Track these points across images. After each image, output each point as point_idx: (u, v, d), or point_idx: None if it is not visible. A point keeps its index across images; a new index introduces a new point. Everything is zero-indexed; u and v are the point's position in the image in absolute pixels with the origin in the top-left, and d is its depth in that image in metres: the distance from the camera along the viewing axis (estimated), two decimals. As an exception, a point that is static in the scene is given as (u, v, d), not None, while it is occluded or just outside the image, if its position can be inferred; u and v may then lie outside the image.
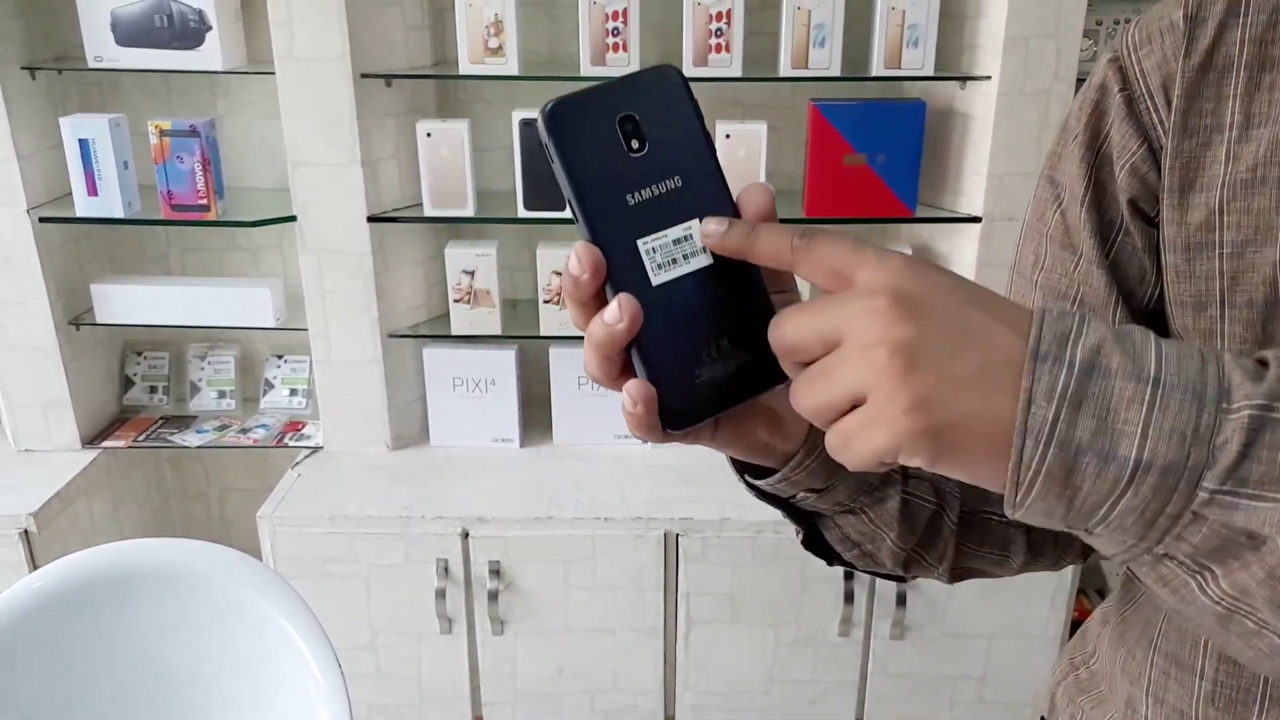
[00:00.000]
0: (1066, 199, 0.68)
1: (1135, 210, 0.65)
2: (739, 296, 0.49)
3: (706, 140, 0.49)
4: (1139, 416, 0.40)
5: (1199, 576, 0.42)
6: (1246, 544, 0.40)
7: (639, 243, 0.48)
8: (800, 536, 0.67)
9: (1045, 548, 0.69)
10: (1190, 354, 0.42)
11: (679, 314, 0.48)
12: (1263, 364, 0.42)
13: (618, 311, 0.47)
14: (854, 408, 0.44)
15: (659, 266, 0.48)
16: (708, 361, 0.49)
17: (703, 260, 0.49)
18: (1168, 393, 0.40)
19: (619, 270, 0.47)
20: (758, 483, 0.60)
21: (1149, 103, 0.64)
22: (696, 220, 0.48)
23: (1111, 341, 0.42)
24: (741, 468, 0.61)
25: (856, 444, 0.43)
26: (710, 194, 0.49)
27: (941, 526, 0.65)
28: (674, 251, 0.48)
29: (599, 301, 0.48)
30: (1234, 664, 0.60)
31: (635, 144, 0.48)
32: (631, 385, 0.48)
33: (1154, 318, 0.67)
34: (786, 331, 0.46)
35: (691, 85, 0.50)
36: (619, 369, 0.49)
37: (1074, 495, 0.42)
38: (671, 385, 0.48)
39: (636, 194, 0.48)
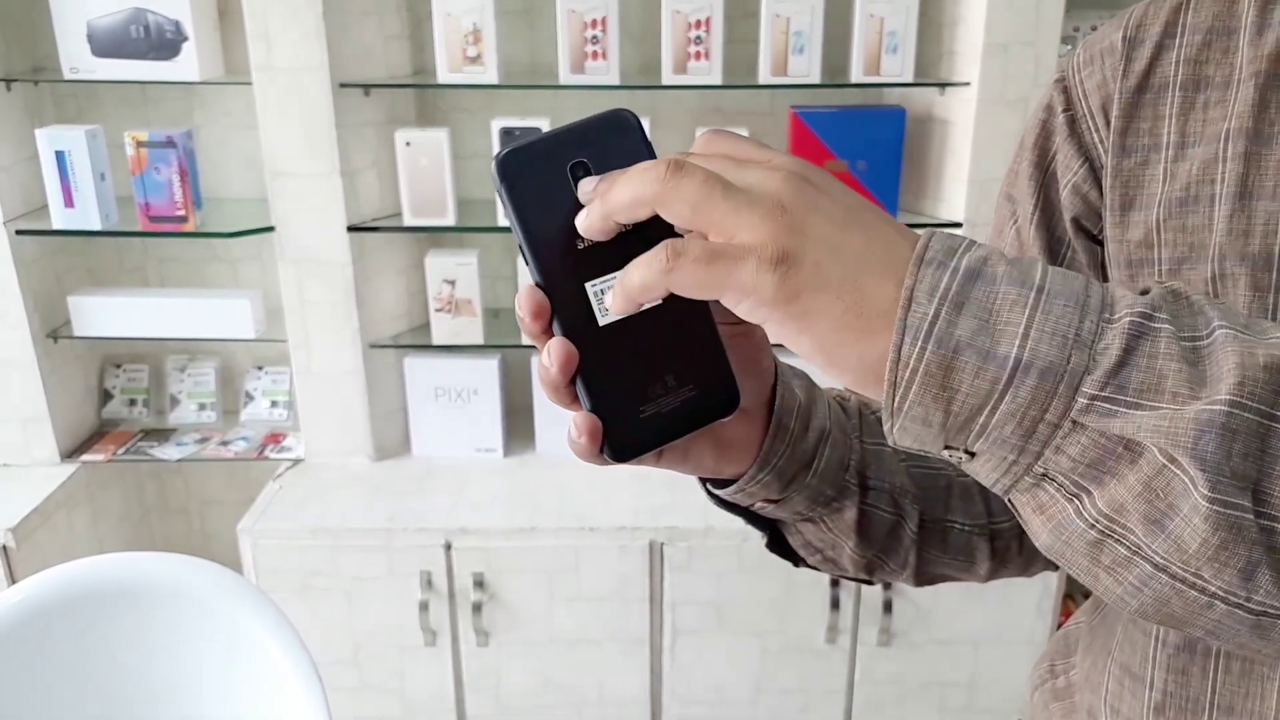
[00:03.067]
0: (1020, 216, 0.71)
1: (1079, 228, 0.67)
2: (686, 333, 0.50)
3: None
4: (1021, 318, 0.40)
5: (1076, 500, 0.41)
6: (1124, 455, 0.39)
7: (587, 285, 0.48)
8: (765, 540, 0.68)
9: (1010, 554, 0.69)
10: (1076, 275, 0.42)
11: (625, 352, 0.49)
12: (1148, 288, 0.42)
13: (548, 356, 0.48)
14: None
15: (606, 309, 0.48)
16: (653, 396, 0.50)
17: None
18: (1051, 298, 0.40)
19: (565, 312, 0.48)
20: (718, 492, 0.61)
21: (1090, 123, 0.66)
22: None
23: (999, 254, 0.42)
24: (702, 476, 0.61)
25: (714, 267, 0.42)
26: (661, 237, 0.48)
27: (902, 536, 0.65)
28: None
29: (549, 338, 0.49)
30: (1183, 674, 0.61)
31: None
32: (577, 417, 0.50)
33: None
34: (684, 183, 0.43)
35: (645, 127, 0.50)
36: (569, 399, 0.50)
37: (952, 397, 0.40)
38: (616, 418, 0.49)
39: (586, 240, 0.48)
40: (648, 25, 1.94)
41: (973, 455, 0.42)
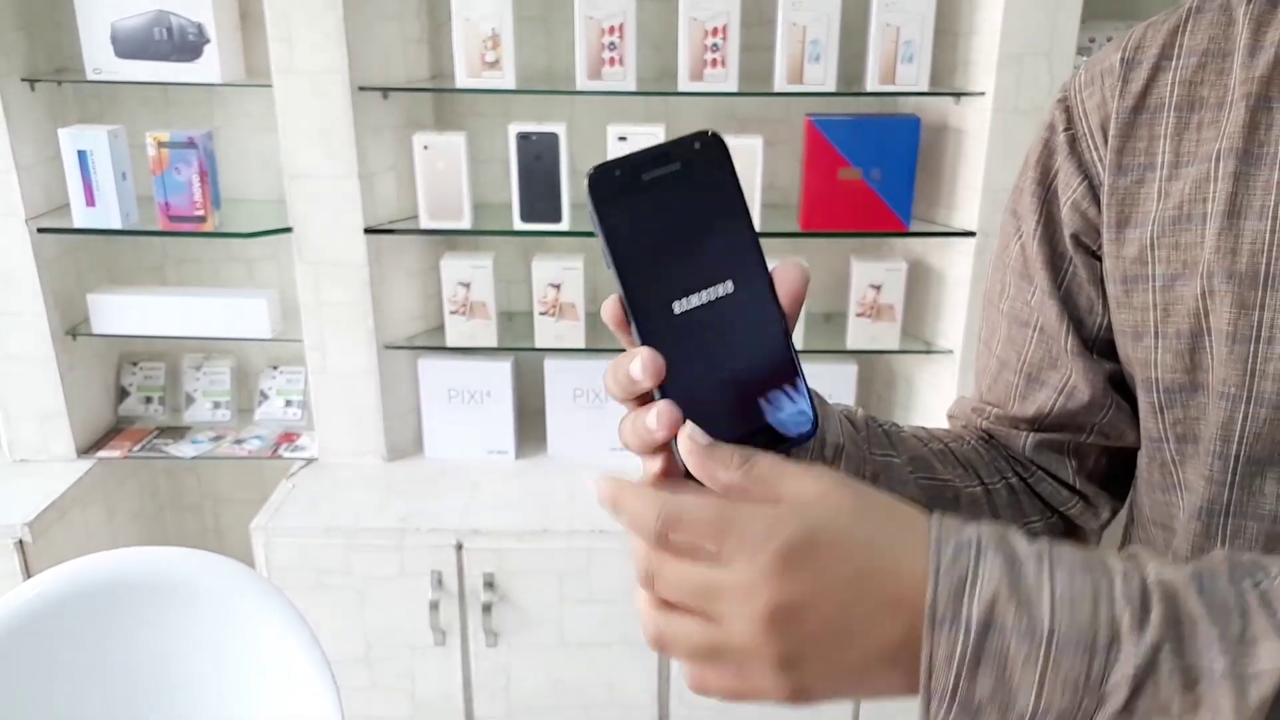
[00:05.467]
0: (1024, 232, 0.72)
1: (1078, 244, 0.69)
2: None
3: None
4: (1034, 674, 0.43)
5: None
6: None
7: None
8: None
9: None
10: (1084, 592, 0.44)
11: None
12: (1146, 591, 0.45)
13: (639, 368, 0.49)
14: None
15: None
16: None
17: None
18: (1061, 648, 0.43)
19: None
20: None
21: (1090, 141, 0.67)
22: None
23: (1005, 591, 0.44)
24: None
25: (736, 699, 0.47)
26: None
27: None
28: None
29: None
30: None
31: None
32: (664, 411, 0.50)
33: (1105, 345, 0.71)
34: (664, 587, 0.47)
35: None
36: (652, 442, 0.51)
37: None
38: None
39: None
40: (665, 32, 1.95)
41: None
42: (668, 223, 0.49)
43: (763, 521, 0.45)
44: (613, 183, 0.49)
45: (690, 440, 0.48)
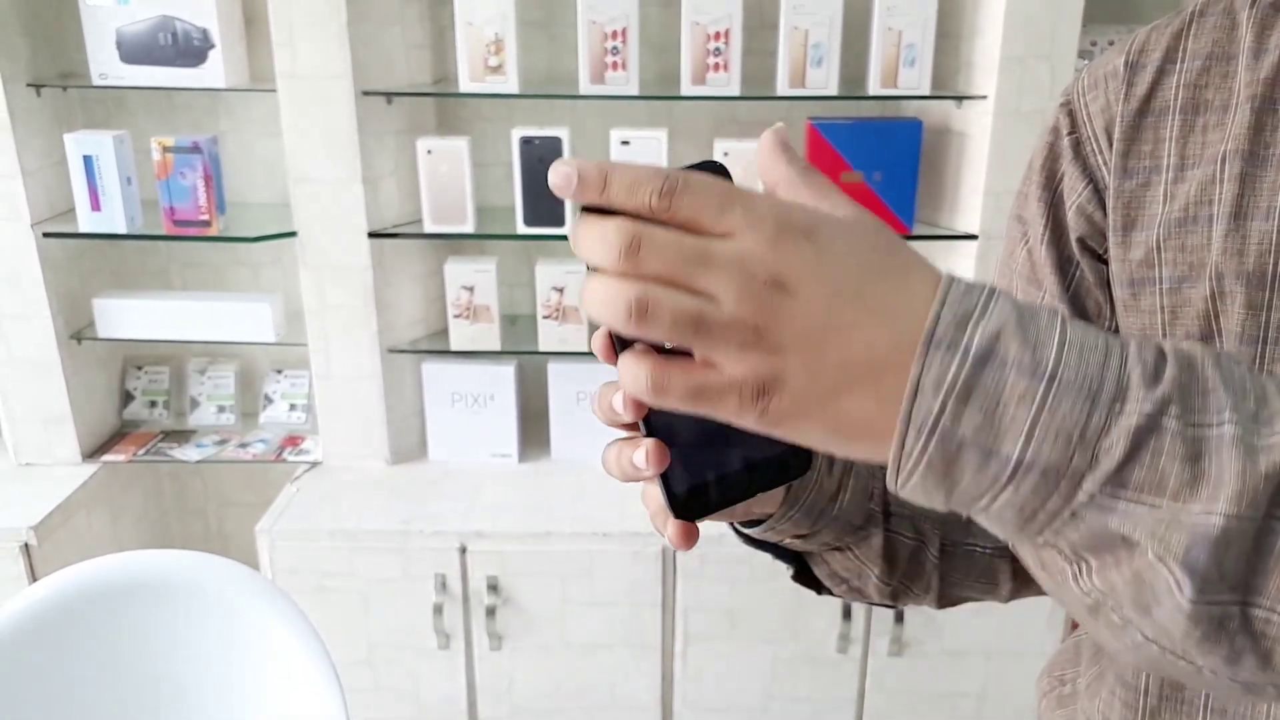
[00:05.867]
0: (1031, 237, 0.72)
1: (1084, 248, 0.69)
2: None
3: None
4: (1027, 414, 0.39)
5: (1074, 565, 0.42)
6: (1120, 545, 0.40)
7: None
8: (791, 573, 0.70)
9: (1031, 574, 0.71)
10: (1095, 344, 0.40)
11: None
12: (1161, 356, 0.41)
13: (644, 458, 0.48)
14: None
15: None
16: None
17: None
18: (1061, 391, 0.39)
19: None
20: (747, 531, 0.63)
21: (1094, 145, 0.67)
22: None
23: (1013, 326, 0.40)
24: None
25: (699, 403, 0.42)
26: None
27: (924, 560, 0.67)
28: None
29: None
30: (1176, 682, 0.62)
31: None
32: (649, 453, 0.48)
33: None
34: (652, 252, 0.41)
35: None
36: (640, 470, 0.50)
37: (953, 485, 0.41)
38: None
39: None
40: (667, 36, 1.96)
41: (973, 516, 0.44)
42: None
43: (775, 203, 0.42)
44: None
45: (775, 133, 0.45)
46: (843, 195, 0.44)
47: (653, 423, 0.48)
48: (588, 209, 0.43)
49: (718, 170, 0.49)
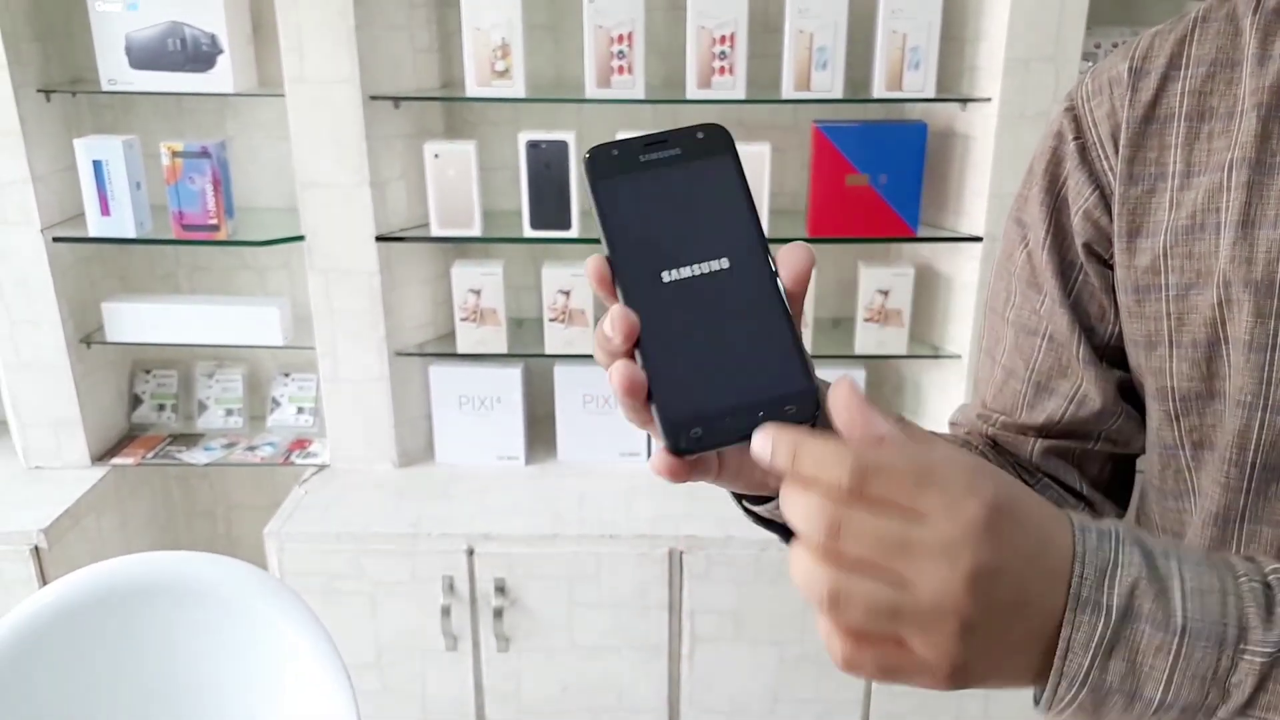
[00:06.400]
0: (1031, 241, 0.72)
1: (1090, 252, 0.69)
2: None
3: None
4: (1165, 664, 0.44)
5: None
6: None
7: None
8: None
9: None
10: (1211, 586, 0.45)
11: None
12: (1269, 588, 0.46)
13: (610, 326, 0.48)
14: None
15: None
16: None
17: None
18: (1192, 641, 0.44)
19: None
20: (755, 509, 0.62)
21: (1100, 150, 0.67)
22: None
23: (1145, 580, 0.45)
24: (739, 493, 0.63)
25: (888, 680, 0.46)
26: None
27: None
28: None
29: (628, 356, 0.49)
30: None
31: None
32: (622, 375, 0.48)
33: (1115, 353, 0.71)
34: (852, 541, 0.43)
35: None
36: (643, 406, 0.49)
37: (1100, 718, 0.46)
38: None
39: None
40: (673, 40, 1.97)
41: None
42: (662, 198, 0.50)
43: (963, 478, 0.43)
44: (610, 160, 0.50)
45: (851, 388, 0.45)
46: (939, 438, 0.48)
47: (648, 356, 0.48)
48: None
49: (720, 134, 0.50)
